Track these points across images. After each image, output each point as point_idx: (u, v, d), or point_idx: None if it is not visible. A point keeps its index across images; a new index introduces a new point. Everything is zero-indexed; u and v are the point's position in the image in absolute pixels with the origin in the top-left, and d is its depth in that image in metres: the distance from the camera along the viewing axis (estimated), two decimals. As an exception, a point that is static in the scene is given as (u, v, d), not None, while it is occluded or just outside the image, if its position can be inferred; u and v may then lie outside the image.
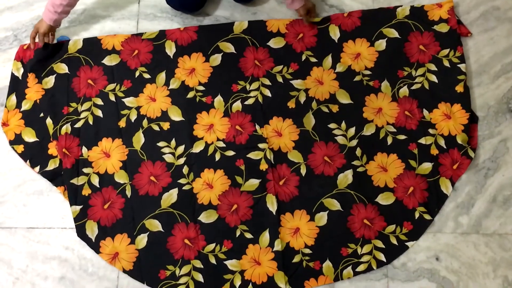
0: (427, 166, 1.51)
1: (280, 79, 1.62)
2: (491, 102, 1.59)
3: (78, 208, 1.51)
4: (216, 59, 1.65)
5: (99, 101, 1.62)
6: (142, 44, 1.68)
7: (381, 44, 1.64)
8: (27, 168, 1.57)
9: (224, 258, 1.45)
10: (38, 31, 1.58)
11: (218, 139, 1.55)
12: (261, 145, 1.54)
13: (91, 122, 1.60)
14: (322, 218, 1.48)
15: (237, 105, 1.59)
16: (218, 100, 1.60)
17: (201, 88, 1.62)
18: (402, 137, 1.54)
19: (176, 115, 1.59)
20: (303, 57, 1.64)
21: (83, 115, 1.60)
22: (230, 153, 1.54)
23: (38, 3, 1.75)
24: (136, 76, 1.64)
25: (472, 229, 1.47)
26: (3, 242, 1.51)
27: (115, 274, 1.47)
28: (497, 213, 1.48)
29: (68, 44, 1.69)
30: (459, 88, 1.57)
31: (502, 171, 1.52)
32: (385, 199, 1.49)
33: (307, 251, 1.45)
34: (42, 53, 1.65)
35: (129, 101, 1.61)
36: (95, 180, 1.54)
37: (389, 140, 1.54)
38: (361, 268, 1.43)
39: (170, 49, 1.67)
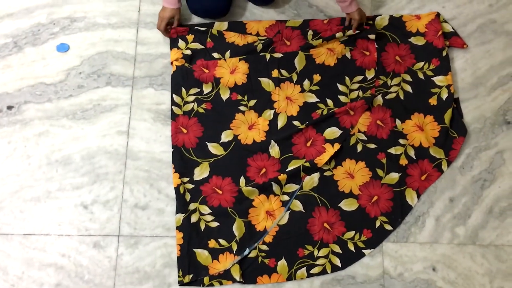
0: (394, 176, 1.52)
1: None
2: (488, 114, 1.60)
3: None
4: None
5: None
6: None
7: None
8: (25, 174, 1.56)
9: None
10: (162, 20, 1.61)
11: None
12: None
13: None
14: (283, 217, 1.49)
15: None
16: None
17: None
18: (372, 145, 1.55)
19: None
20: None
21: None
22: None
23: (38, 10, 1.75)
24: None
25: (468, 240, 1.48)
26: (-1, 249, 1.51)
27: (111, 281, 1.46)
28: (494, 224, 1.49)
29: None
30: (432, 101, 1.59)
31: (498, 182, 1.53)
32: (348, 205, 1.50)
33: (264, 247, 1.47)
34: None
35: None
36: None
37: (359, 148, 1.55)
38: (315, 270, 1.45)
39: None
